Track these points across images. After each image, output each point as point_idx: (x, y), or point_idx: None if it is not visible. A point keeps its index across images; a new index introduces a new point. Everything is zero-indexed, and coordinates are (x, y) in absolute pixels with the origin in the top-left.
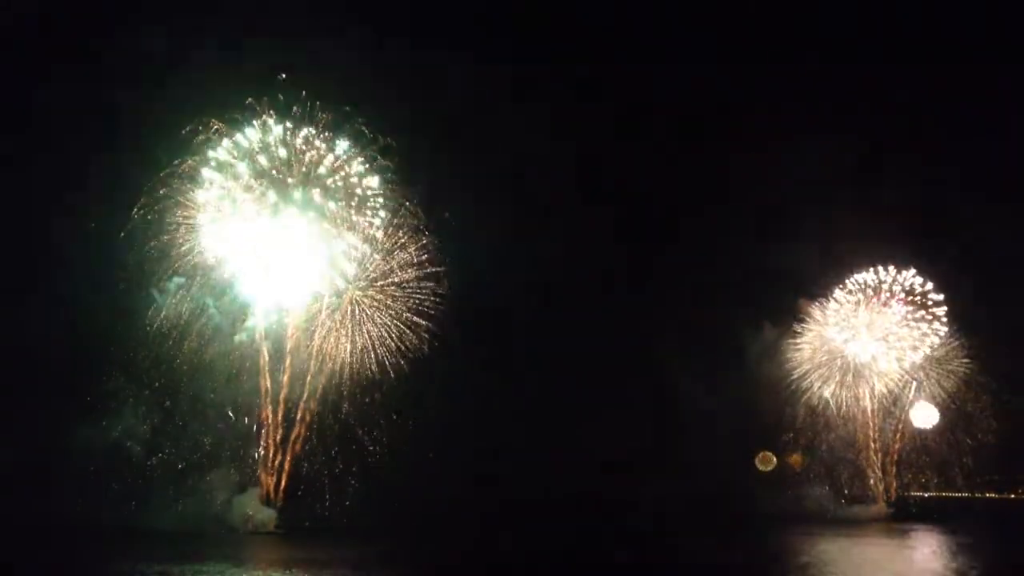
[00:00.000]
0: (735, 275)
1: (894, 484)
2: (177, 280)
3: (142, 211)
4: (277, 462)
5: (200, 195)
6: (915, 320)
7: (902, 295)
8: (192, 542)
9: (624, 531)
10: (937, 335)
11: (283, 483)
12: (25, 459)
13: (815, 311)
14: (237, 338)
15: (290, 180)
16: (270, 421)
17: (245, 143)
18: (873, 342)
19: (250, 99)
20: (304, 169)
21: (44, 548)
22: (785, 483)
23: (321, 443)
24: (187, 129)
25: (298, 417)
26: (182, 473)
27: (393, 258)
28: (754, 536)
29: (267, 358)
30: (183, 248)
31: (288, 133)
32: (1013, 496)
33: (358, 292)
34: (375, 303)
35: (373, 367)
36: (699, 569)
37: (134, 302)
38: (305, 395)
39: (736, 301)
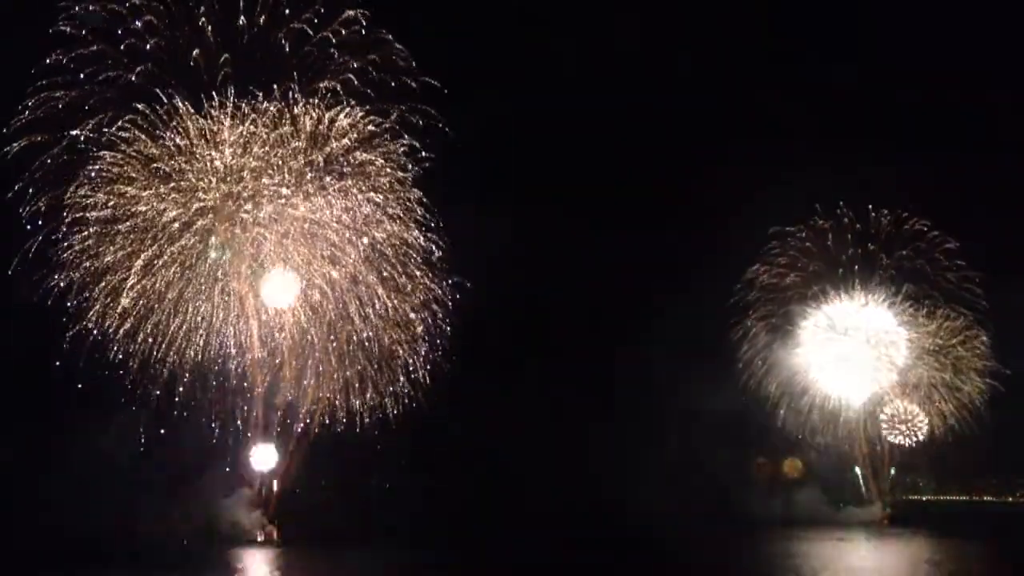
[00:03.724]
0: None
1: (889, 487)
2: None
3: None
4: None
5: None
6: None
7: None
8: (183, 551)
9: (622, 535)
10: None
11: (276, 493)
12: (17, 467)
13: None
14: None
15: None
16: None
17: None
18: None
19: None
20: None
21: (36, 557)
22: (780, 487)
23: (315, 461)
24: None
25: (294, 429)
26: (173, 482)
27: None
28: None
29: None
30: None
31: None
32: (1010, 500)
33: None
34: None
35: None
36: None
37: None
38: (303, 411)
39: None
